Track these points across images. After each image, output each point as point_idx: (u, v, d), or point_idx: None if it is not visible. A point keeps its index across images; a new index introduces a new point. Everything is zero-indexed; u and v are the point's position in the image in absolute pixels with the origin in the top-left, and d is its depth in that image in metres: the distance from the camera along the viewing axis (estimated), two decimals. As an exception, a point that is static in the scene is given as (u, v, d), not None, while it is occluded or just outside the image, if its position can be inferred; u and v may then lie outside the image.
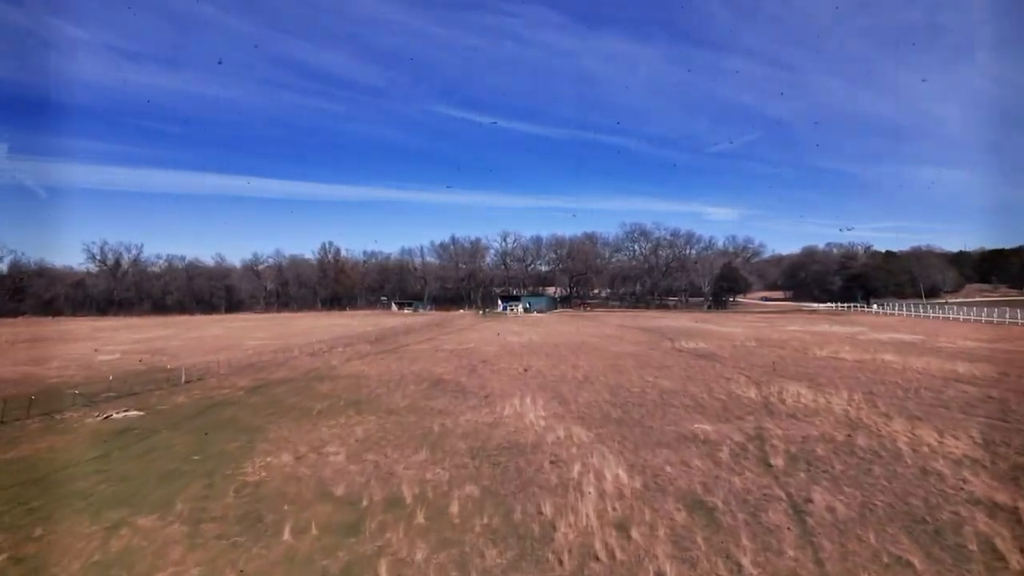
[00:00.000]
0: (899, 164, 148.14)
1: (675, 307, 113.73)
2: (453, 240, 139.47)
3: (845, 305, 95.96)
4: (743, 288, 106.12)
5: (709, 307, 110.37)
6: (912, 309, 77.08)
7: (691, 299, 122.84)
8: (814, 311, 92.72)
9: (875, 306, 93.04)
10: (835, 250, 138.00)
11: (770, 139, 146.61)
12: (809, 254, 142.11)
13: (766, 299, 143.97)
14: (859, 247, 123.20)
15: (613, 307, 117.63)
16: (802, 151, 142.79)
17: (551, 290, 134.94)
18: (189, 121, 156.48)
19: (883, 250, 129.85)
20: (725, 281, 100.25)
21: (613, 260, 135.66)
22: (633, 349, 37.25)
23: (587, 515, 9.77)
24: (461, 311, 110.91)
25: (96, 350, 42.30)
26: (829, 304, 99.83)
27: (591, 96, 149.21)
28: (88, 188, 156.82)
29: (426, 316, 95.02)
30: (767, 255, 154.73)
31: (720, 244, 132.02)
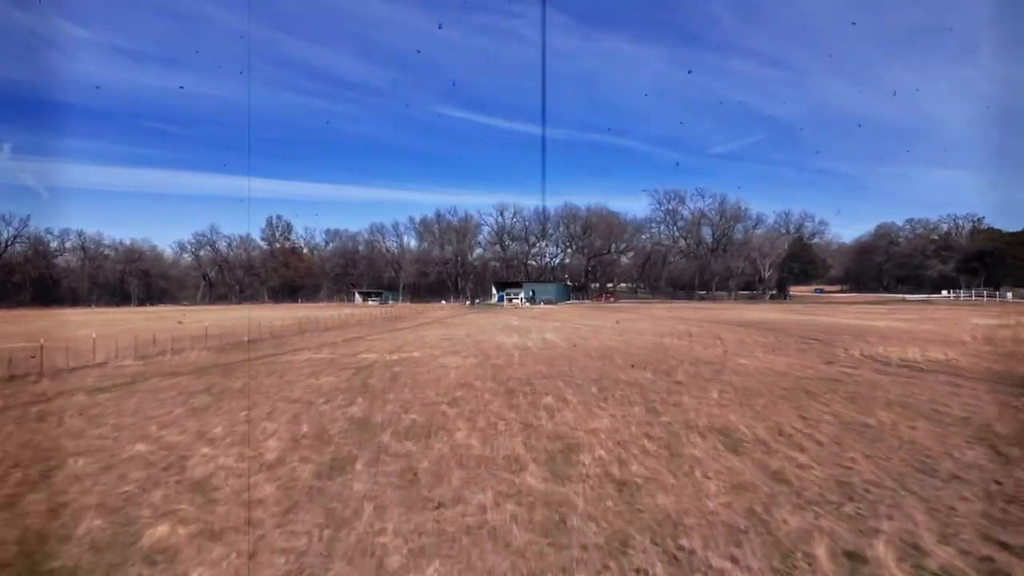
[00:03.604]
0: (902, 165, 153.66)
1: (726, 298, 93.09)
2: (438, 216, 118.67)
3: (968, 295, 75.43)
4: (820, 272, 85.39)
5: (772, 297, 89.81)
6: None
7: (736, 291, 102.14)
8: (926, 301, 71.99)
9: (1009, 295, 72.77)
10: (920, 229, 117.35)
11: (773, 140, 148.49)
12: (884, 235, 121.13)
13: (820, 291, 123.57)
14: (962, 221, 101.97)
15: (644, 299, 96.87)
16: (804, 152, 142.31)
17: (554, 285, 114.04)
18: (192, 121, 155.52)
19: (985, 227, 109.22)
20: (797, 263, 79.29)
21: (637, 240, 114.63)
22: (792, 365, 16.63)
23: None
24: (442, 303, 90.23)
25: None
26: (944, 294, 79.17)
27: (594, 97, 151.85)
28: (90, 188, 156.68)
29: (391, 309, 74.36)
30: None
31: (771, 220, 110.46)
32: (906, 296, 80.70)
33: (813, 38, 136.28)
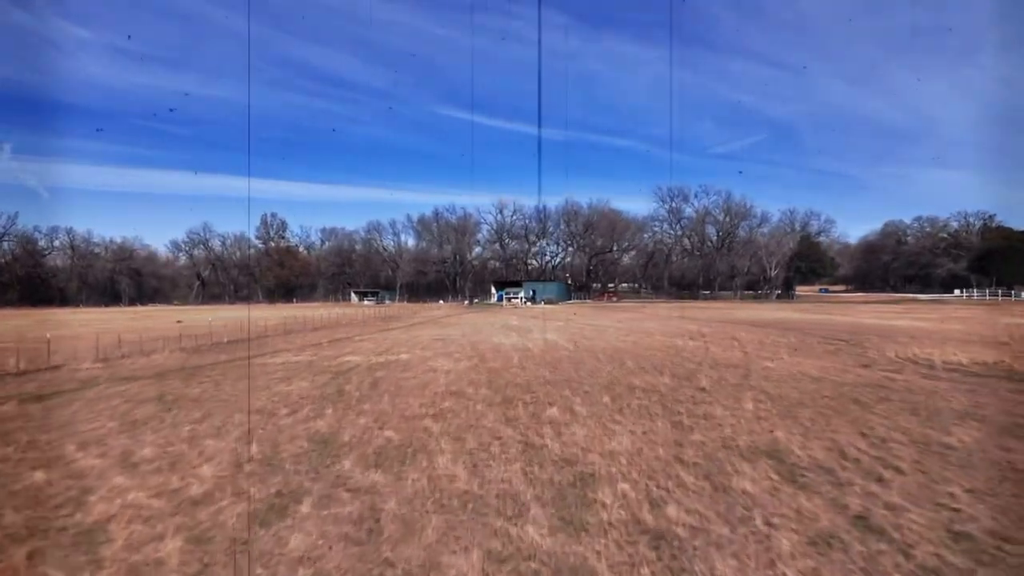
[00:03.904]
0: (903, 166, 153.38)
1: (731, 298, 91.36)
2: (436, 214, 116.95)
3: (982, 294, 73.63)
4: (828, 271, 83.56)
5: (778, 297, 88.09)
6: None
7: (740, 291, 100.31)
8: (938, 300, 70.24)
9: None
10: (928, 227, 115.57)
11: (773, 141, 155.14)
12: (891, 233, 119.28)
13: (825, 291, 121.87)
14: (973, 219, 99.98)
15: (647, 298, 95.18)
16: (804, 153, 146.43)
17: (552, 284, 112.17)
18: (193, 122, 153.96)
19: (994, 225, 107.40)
20: (804, 261, 77.53)
21: (640, 239, 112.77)
22: (826, 368, 14.88)
23: None
24: (440, 302, 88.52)
25: None
26: (957, 293, 77.38)
27: (594, 97, 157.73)
28: (91, 189, 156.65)
29: (386, 308, 72.69)
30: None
31: (775, 219, 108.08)
32: (918, 296, 78.88)
33: (813, 38, 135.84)
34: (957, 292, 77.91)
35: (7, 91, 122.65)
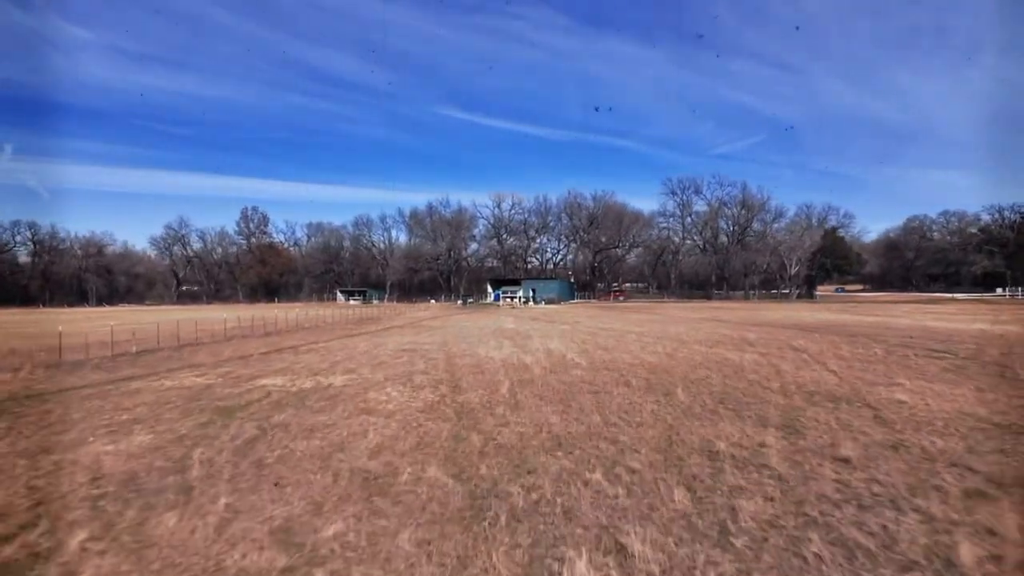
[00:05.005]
0: (903, 166, 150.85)
1: (746, 297, 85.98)
2: (430, 208, 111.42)
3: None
4: (854, 268, 78.16)
5: (799, 295, 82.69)
6: None
7: (757, 289, 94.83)
8: (980, 300, 64.75)
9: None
10: (956, 223, 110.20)
11: (774, 141, 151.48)
12: (916, 229, 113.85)
13: (841, 290, 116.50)
14: (1008, 213, 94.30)
15: (656, 298, 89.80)
16: (805, 153, 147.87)
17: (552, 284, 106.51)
18: (194, 123, 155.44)
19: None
20: (829, 258, 72.02)
21: (647, 235, 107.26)
22: (996, 405, 9.44)
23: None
24: (431, 301, 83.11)
25: None
26: (999, 292, 71.87)
27: (596, 98, 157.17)
28: (92, 189, 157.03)
29: (370, 309, 67.36)
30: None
31: (791, 213, 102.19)
32: (955, 295, 73.39)
33: (813, 38, 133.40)
34: (999, 290, 72.47)
35: (7, 91, 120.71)
